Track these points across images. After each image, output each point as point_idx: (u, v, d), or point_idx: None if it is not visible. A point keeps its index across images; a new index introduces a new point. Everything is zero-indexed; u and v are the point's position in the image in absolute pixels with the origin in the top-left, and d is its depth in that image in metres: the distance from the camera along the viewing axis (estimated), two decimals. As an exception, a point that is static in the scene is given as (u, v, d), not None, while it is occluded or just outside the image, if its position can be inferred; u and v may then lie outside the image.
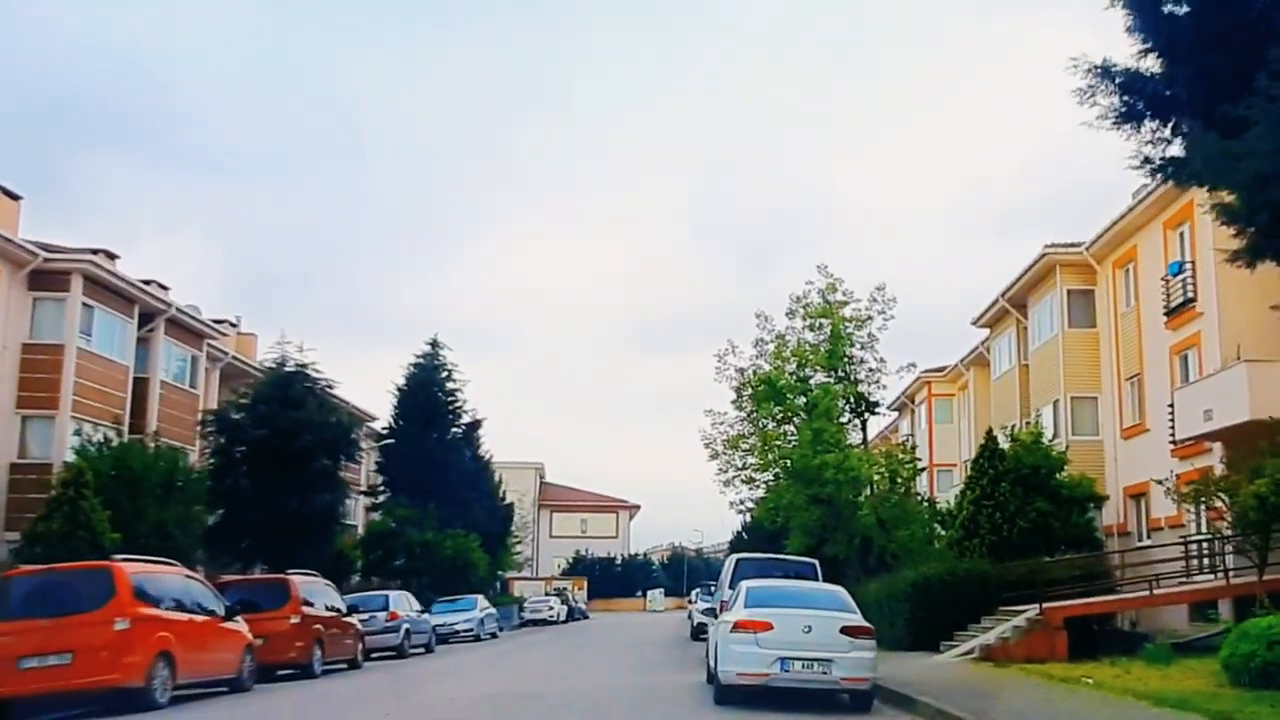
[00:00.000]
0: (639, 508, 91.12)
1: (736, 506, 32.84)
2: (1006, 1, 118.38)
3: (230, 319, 41.79)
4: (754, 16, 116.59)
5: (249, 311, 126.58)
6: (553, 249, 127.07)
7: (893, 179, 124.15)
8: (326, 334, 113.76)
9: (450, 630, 32.28)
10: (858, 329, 29.33)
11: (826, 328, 29.26)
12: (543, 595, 57.78)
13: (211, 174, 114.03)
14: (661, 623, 49.99)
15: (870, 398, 30.04)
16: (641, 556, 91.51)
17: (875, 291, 29.34)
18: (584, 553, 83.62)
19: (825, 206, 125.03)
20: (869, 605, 18.00)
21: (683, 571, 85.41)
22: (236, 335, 41.02)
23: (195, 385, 33.33)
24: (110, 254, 30.97)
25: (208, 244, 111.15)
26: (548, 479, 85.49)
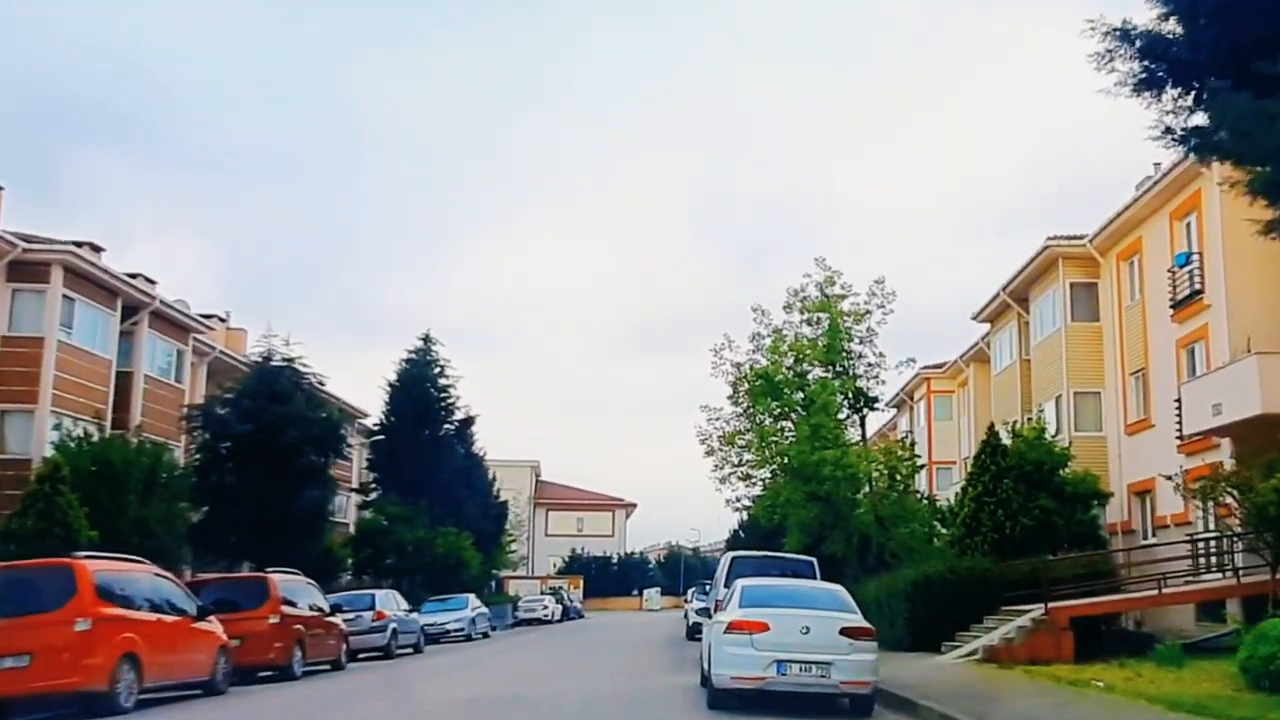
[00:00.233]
0: (635, 506, 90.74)
1: (733, 504, 32.37)
2: (1006, 1, 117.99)
3: (220, 314, 41.27)
4: (754, 16, 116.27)
5: (249, 311, 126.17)
6: (552, 249, 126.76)
7: (892, 179, 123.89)
8: (326, 334, 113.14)
9: (440, 630, 31.68)
10: (856, 323, 28.82)
11: (824, 322, 28.75)
12: (537, 594, 57.23)
13: (211, 174, 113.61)
14: (657, 622, 49.60)
15: (869, 393, 29.54)
16: (638, 555, 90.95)
17: (874, 285, 28.87)
18: (580, 551, 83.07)
19: (825, 206, 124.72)
20: (868, 604, 17.53)
21: (679, 570, 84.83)
22: (226, 330, 40.45)
23: (181, 380, 32.72)
24: (95, 246, 30.47)
25: (207, 244, 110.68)
26: (543, 477, 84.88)
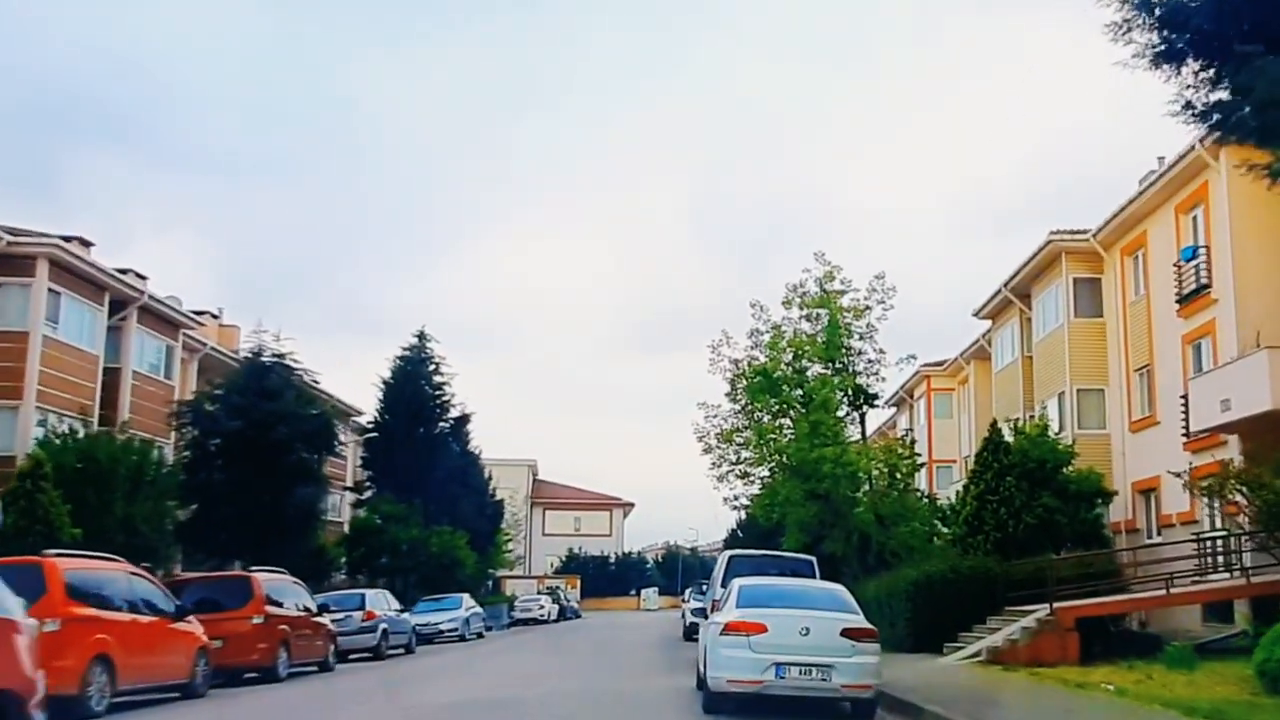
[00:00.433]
0: (633, 505, 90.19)
1: (731, 502, 31.85)
2: (1006, 1, 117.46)
3: (213, 310, 40.78)
4: (754, 16, 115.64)
5: (249, 311, 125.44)
6: (552, 249, 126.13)
7: (892, 179, 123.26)
8: (326, 334, 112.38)
9: (434, 630, 31.21)
10: (856, 319, 28.31)
11: (824, 318, 28.26)
12: (534, 594, 56.74)
13: (211, 174, 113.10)
14: (655, 622, 49.19)
15: (869, 390, 29.02)
16: (636, 555, 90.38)
17: (874, 280, 28.32)
18: (577, 551, 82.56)
19: (825, 206, 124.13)
20: (868, 604, 17.04)
21: (677, 570, 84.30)
22: (219, 327, 39.97)
23: (170, 376, 32.22)
24: (85, 241, 30.03)
25: (207, 243, 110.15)
26: (541, 476, 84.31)
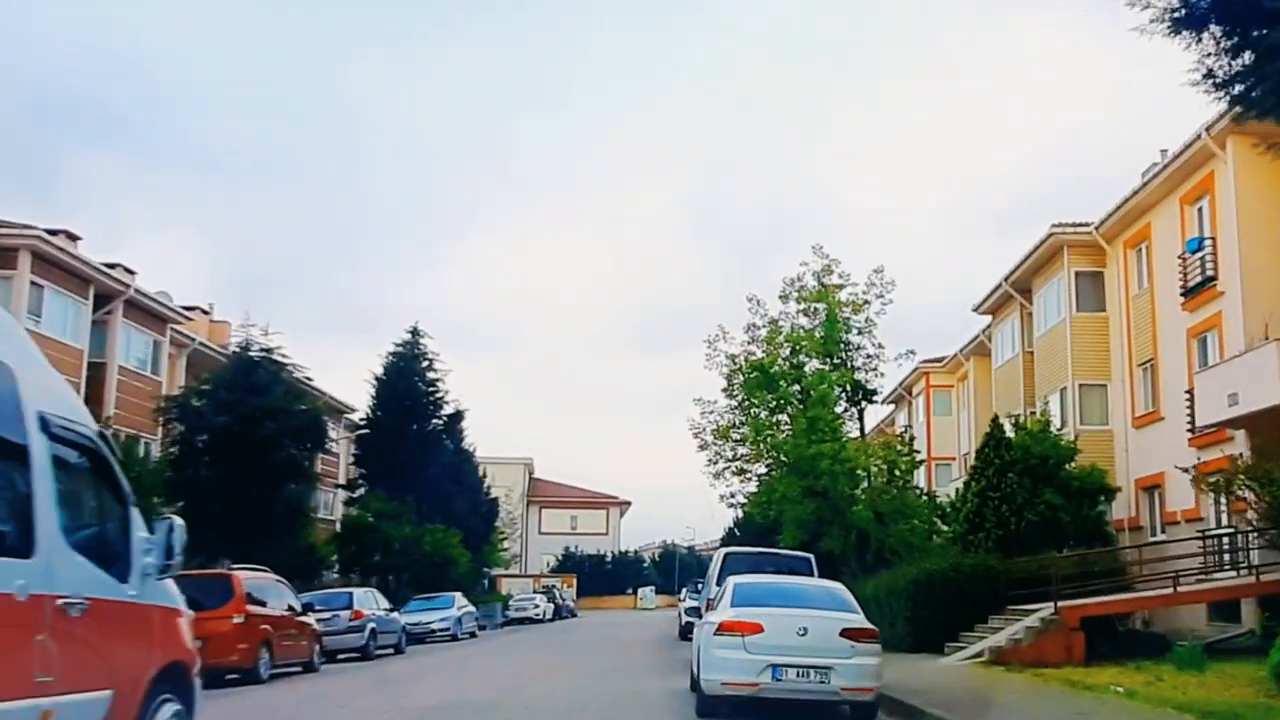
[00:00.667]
0: (630, 504, 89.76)
1: (727, 500, 31.42)
2: (1006, 1, 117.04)
3: (203, 306, 40.29)
4: (754, 16, 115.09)
5: (246, 310, 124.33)
6: (552, 249, 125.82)
7: (892, 179, 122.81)
8: (325, 333, 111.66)
9: (425, 630, 30.69)
10: (855, 313, 27.87)
11: (821, 312, 27.81)
12: (529, 593, 56.27)
13: (210, 173, 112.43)
14: (651, 621, 48.81)
15: (867, 385, 28.60)
16: (632, 554, 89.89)
17: (873, 274, 27.92)
18: (574, 549, 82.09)
19: (825, 206, 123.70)
20: (867, 603, 16.58)
21: (675, 569, 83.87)
22: (209, 323, 39.47)
23: (158, 372, 31.70)
24: (71, 235, 29.65)
25: (206, 243, 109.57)
26: (537, 474, 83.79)
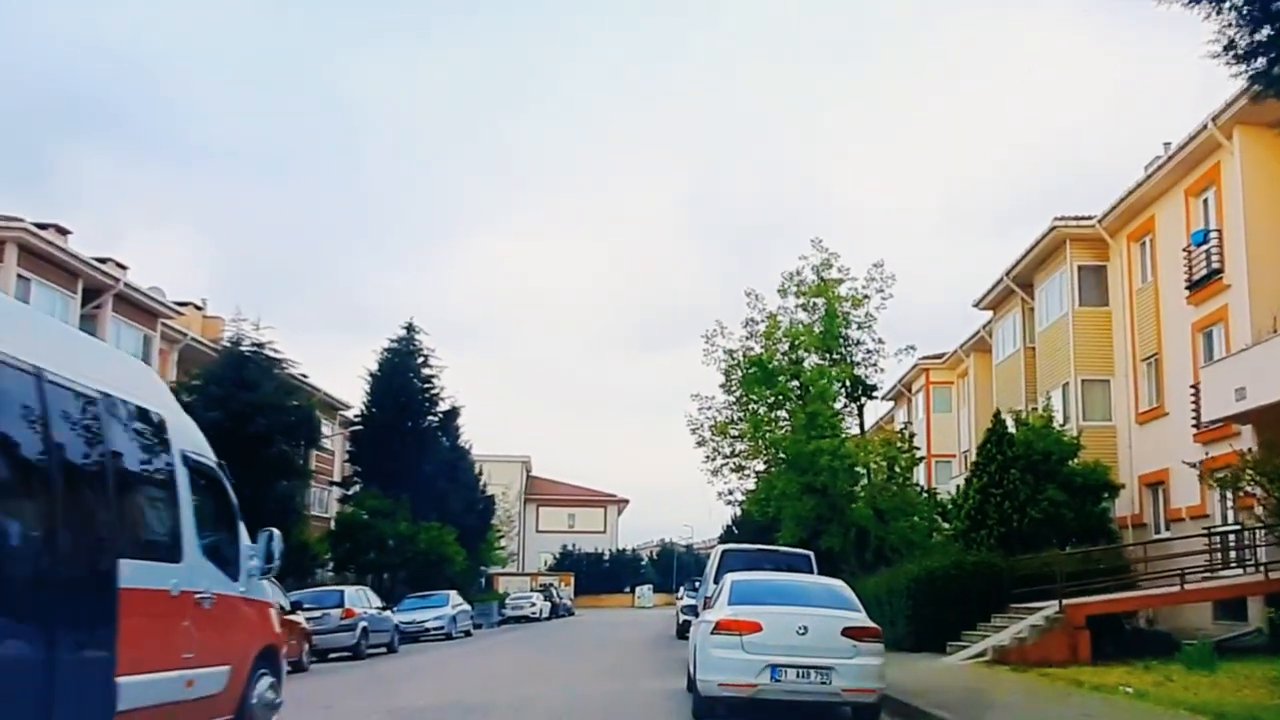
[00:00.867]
0: (628, 502, 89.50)
1: (725, 497, 31.10)
2: (1007, 1, 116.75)
3: (196, 301, 39.87)
4: (754, 16, 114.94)
5: (245, 308, 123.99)
6: (550, 248, 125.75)
7: (891, 178, 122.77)
8: (323, 331, 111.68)
9: (419, 628, 30.29)
10: (854, 308, 27.48)
11: (821, 307, 27.43)
12: (525, 591, 55.89)
13: (209, 172, 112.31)
14: (649, 620, 48.46)
15: (867, 381, 28.21)
16: (630, 552, 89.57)
17: (872, 269, 27.51)
18: (571, 548, 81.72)
19: (824, 205, 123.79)
20: (867, 601, 16.17)
21: (672, 567, 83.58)
22: (202, 318, 39.05)
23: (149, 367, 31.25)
24: (61, 229, 29.19)
25: (203, 241, 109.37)
26: (535, 472, 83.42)
